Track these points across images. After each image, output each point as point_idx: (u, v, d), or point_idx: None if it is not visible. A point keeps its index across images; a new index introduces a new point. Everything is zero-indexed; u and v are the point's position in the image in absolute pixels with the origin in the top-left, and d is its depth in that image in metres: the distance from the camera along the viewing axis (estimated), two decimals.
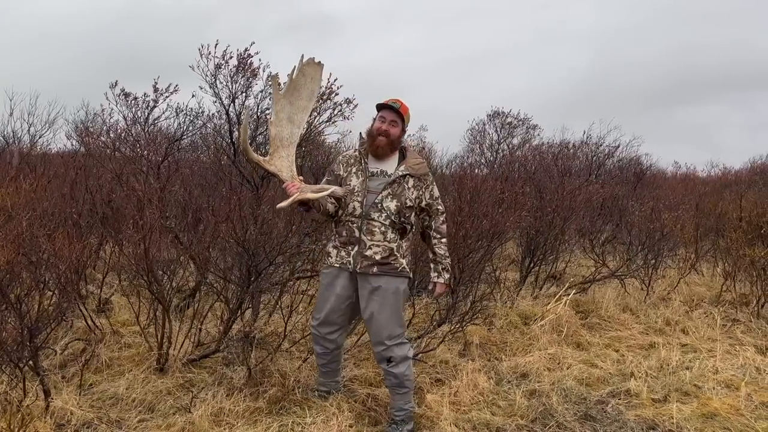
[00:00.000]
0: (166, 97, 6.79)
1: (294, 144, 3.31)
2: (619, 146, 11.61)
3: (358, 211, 3.22)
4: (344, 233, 3.26)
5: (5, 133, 8.80)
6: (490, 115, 14.32)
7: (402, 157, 3.36)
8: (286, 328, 4.05)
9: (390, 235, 3.23)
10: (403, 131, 3.37)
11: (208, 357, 4.16)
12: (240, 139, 2.98)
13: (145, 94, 7.13)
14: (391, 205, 3.23)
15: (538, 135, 13.78)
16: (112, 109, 7.42)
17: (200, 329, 4.34)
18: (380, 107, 3.33)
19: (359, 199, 3.23)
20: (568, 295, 5.47)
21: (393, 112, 3.28)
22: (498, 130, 13.81)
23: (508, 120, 13.98)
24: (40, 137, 8.92)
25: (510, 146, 13.37)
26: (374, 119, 3.37)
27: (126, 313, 5.08)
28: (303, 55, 3.31)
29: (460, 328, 4.37)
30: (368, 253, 3.21)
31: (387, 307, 3.27)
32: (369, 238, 3.21)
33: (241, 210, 3.59)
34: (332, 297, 3.32)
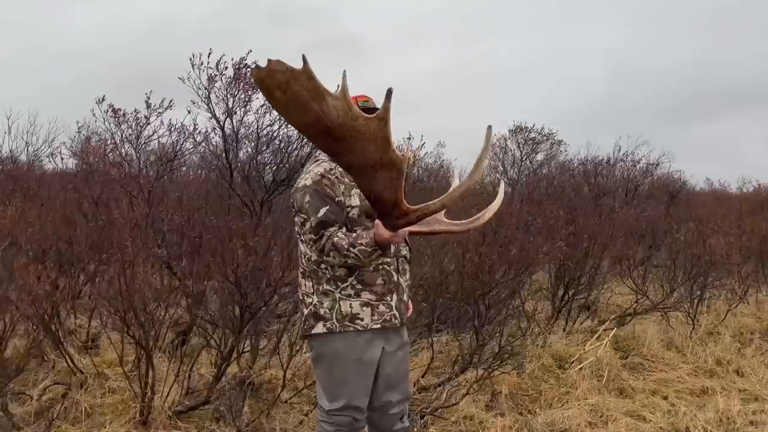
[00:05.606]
0: (160, 113, 6.29)
1: None
2: (658, 164, 10.76)
3: (392, 248, 2.50)
4: (379, 281, 2.48)
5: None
6: (512, 130, 13.74)
7: None
8: (285, 376, 3.52)
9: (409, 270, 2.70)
10: None
11: (197, 408, 3.65)
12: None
13: (135, 110, 6.66)
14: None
15: (564, 151, 13.16)
16: (98, 127, 6.97)
17: (189, 375, 3.83)
18: None
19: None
20: (608, 334, 4.87)
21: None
22: (521, 146, 13.22)
23: (532, 135, 13.39)
24: (37, 157, 8.55)
25: (534, 163, 12.78)
26: None
27: (114, 350, 4.59)
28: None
29: (488, 376, 3.80)
30: (405, 298, 2.60)
31: (408, 356, 2.76)
32: (404, 279, 2.59)
33: (231, 242, 3.07)
34: (371, 370, 2.53)
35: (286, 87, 1.85)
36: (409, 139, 7.74)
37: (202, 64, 5.31)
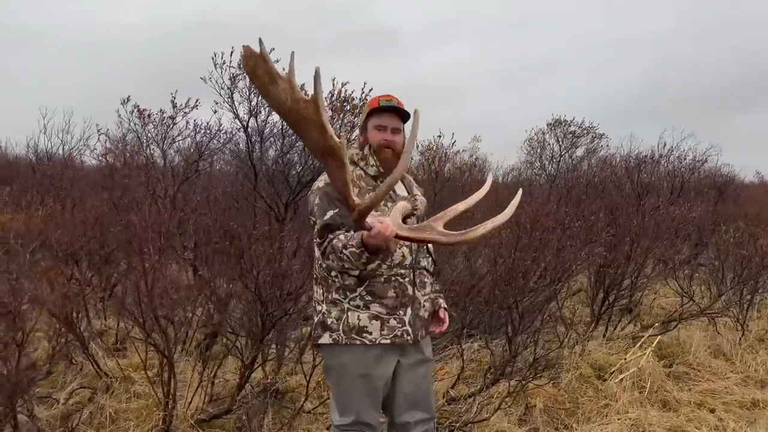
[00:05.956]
0: (186, 113, 6.21)
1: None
2: (706, 161, 10.12)
3: (408, 259, 2.36)
4: (391, 293, 2.31)
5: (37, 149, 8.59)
6: (550, 123, 13.32)
7: None
8: (308, 386, 3.40)
9: (432, 283, 2.51)
10: (404, 137, 2.50)
11: (220, 417, 3.56)
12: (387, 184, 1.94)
13: (161, 110, 6.65)
14: (430, 244, 2.51)
15: (606, 145, 12.68)
16: (126, 127, 6.96)
17: (213, 382, 3.74)
18: (373, 111, 2.44)
19: (406, 241, 2.33)
20: (651, 341, 4.60)
21: (394, 114, 2.42)
22: (560, 140, 12.79)
23: (571, 129, 12.95)
24: (71, 156, 8.62)
25: (573, 158, 12.33)
26: (362, 127, 2.52)
27: (138, 355, 4.56)
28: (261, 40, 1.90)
29: (521, 389, 3.60)
30: (422, 313, 2.40)
31: (430, 372, 2.60)
32: (422, 293, 2.40)
33: (250, 248, 2.95)
34: (381, 386, 2.38)
35: (256, 71, 1.85)
36: (440, 136, 7.48)
37: (224, 63, 5.20)
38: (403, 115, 2.45)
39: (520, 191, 2.26)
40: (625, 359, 4.33)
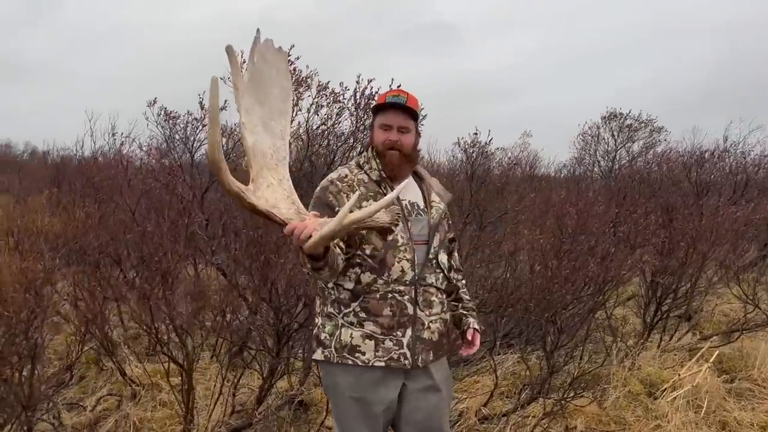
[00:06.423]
0: None
1: (284, 163, 1.96)
2: None
3: (409, 275, 2.10)
4: (387, 311, 2.07)
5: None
6: (605, 117, 12.74)
7: (417, 177, 2.30)
8: (328, 401, 3.21)
9: (445, 302, 2.26)
10: (418, 135, 2.26)
11: (241, 431, 3.43)
12: (209, 144, 1.61)
13: (188, 112, 6.49)
14: (444, 258, 2.25)
15: (665, 139, 12.02)
16: (152, 130, 6.96)
17: (234, 394, 3.62)
18: (378, 108, 2.22)
19: (407, 255, 2.10)
20: (711, 354, 4.20)
21: (401, 112, 2.17)
22: (615, 134, 12.20)
23: (628, 122, 12.34)
24: (114, 156, 8.78)
25: (630, 153, 11.73)
26: (370, 126, 2.31)
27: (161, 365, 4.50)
28: (258, 30, 1.97)
29: (560, 409, 3.30)
30: (426, 335, 2.13)
31: (446, 400, 2.32)
32: (427, 312, 2.13)
33: (261, 255, 2.79)
34: (380, 412, 2.12)
35: None
36: (476, 134, 7.00)
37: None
38: (414, 113, 2.22)
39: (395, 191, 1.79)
40: (680, 375, 3.96)
